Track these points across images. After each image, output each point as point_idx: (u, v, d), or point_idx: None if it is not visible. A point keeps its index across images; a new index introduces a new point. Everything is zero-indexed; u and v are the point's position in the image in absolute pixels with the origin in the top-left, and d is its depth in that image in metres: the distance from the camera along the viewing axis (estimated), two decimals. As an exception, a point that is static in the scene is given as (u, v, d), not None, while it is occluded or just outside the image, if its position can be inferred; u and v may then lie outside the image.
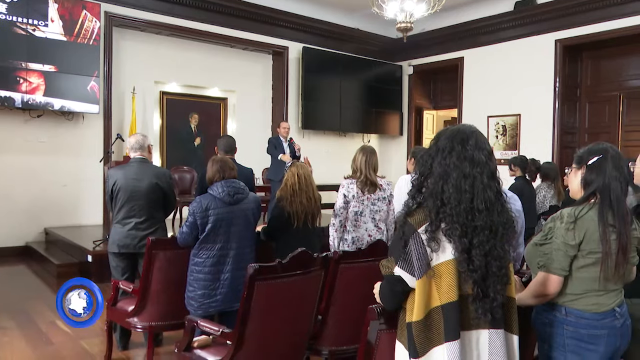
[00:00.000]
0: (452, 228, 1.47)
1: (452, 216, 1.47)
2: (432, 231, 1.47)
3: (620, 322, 1.89)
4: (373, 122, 10.19)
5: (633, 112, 7.69)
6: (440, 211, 1.48)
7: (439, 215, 1.48)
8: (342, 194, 3.55)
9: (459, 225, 1.47)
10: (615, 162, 1.85)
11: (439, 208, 1.48)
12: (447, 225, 1.47)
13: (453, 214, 1.47)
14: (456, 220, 1.47)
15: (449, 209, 1.48)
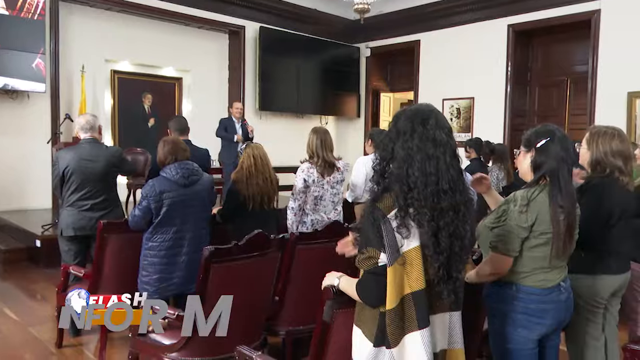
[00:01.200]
0: (421, 213, 1.44)
1: (420, 200, 1.44)
2: (402, 217, 1.44)
3: (565, 296, 1.99)
4: (330, 103, 10.19)
5: (579, 96, 8.00)
6: (407, 197, 1.44)
7: (407, 201, 1.44)
8: (303, 179, 3.54)
9: (427, 209, 1.44)
10: (562, 143, 1.92)
11: (406, 193, 1.45)
12: (416, 210, 1.44)
13: (421, 198, 1.44)
14: (424, 204, 1.44)
15: (416, 193, 1.44)
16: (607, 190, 2.31)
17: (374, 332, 1.51)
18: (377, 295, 1.47)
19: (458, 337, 1.58)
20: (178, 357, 2.44)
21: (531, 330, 1.94)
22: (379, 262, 1.47)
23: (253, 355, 2.00)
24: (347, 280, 1.63)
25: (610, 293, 2.36)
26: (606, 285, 2.32)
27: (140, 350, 2.64)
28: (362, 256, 1.50)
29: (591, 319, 2.34)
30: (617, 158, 2.32)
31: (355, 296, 1.56)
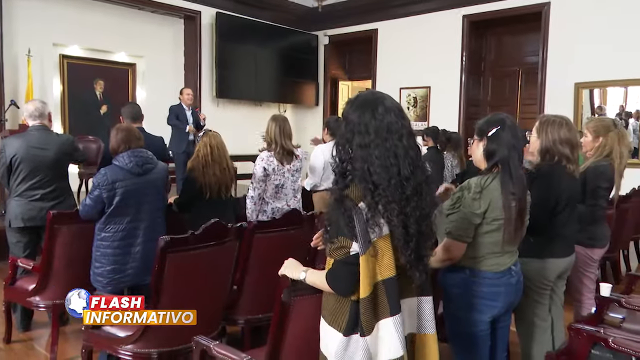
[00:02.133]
0: (389, 209, 1.44)
1: (387, 197, 1.44)
2: (372, 215, 1.43)
3: (515, 279, 2.07)
4: (289, 91, 10.13)
5: (530, 86, 8.26)
6: (374, 194, 1.44)
7: (375, 198, 1.44)
8: (262, 167, 3.52)
9: (395, 203, 1.44)
10: (512, 132, 1.98)
11: (372, 192, 1.44)
12: (384, 207, 1.44)
13: (387, 194, 1.44)
14: (392, 199, 1.44)
15: (381, 189, 1.44)
16: (555, 178, 2.40)
17: (343, 322, 1.50)
18: (349, 284, 1.47)
19: (429, 322, 1.60)
20: (134, 349, 2.40)
21: (484, 312, 2.01)
22: (350, 252, 1.46)
23: (211, 345, 1.99)
24: (313, 273, 1.62)
25: (557, 275, 2.47)
26: (553, 268, 2.43)
27: (94, 343, 2.58)
28: (333, 246, 1.49)
29: (539, 300, 2.44)
30: (565, 146, 2.42)
31: (325, 287, 1.55)
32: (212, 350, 1.97)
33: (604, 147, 2.95)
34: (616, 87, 7.28)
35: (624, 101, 7.29)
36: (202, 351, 2.03)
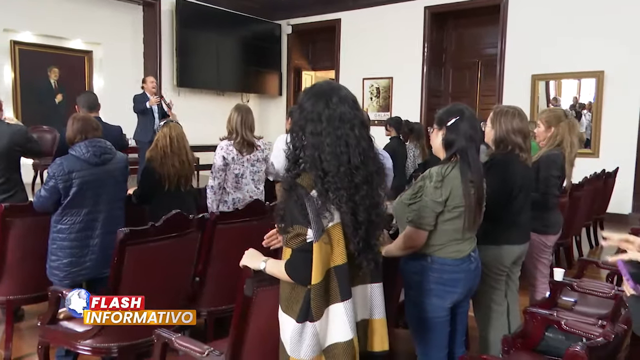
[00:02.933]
0: (338, 195, 1.47)
1: (335, 183, 1.46)
2: (323, 202, 1.46)
3: (474, 265, 2.12)
4: (252, 81, 10.04)
5: (489, 78, 8.46)
6: (324, 181, 1.47)
7: (324, 185, 1.47)
8: (222, 156, 3.48)
9: (344, 190, 1.47)
10: (470, 122, 2.03)
11: (322, 179, 1.47)
12: (334, 193, 1.47)
13: (336, 180, 1.46)
14: (340, 185, 1.47)
15: (330, 176, 1.47)
16: (509, 166, 2.48)
17: (297, 309, 1.52)
18: (308, 272, 1.47)
19: (379, 307, 1.64)
20: (93, 343, 2.34)
21: (444, 299, 2.06)
22: (307, 239, 1.48)
23: (172, 337, 1.96)
24: (273, 263, 1.63)
25: (512, 261, 2.55)
26: (509, 254, 2.51)
27: (51, 339, 2.51)
28: (289, 235, 1.50)
29: (495, 286, 2.52)
30: (518, 136, 2.49)
31: (284, 277, 1.56)
32: (174, 342, 1.95)
33: (556, 136, 3.05)
34: (570, 79, 7.54)
35: (577, 93, 7.55)
36: (163, 344, 2.01)
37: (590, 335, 1.90)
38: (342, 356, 1.50)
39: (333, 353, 1.51)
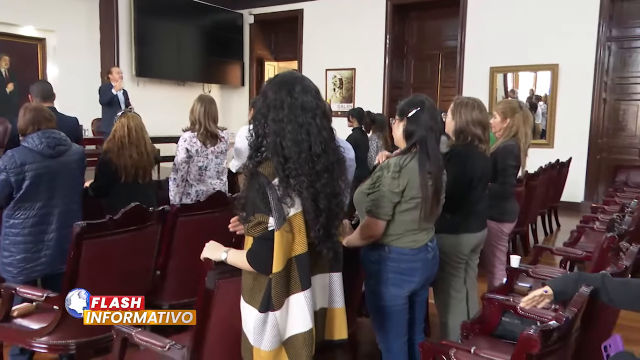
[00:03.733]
0: (299, 182, 1.48)
1: (296, 169, 1.48)
2: (285, 188, 1.47)
3: (432, 255, 2.17)
4: (214, 71, 9.88)
5: (449, 69, 8.60)
6: (285, 167, 1.48)
7: (285, 172, 1.48)
8: (185, 148, 3.42)
9: (305, 176, 1.49)
10: (431, 113, 2.05)
11: (283, 165, 1.48)
12: (295, 180, 1.48)
13: (297, 167, 1.48)
14: (301, 172, 1.48)
15: (291, 163, 1.48)
16: (469, 157, 2.53)
17: (259, 299, 1.53)
18: (269, 260, 1.48)
19: (339, 296, 1.67)
20: (49, 341, 2.28)
21: (402, 287, 2.09)
22: (268, 227, 1.48)
23: (132, 332, 1.93)
24: (235, 253, 1.63)
25: (471, 249, 2.62)
26: (467, 242, 2.57)
27: (5, 338, 2.43)
28: (250, 223, 1.50)
29: (454, 273, 2.58)
30: (477, 127, 2.55)
31: (246, 267, 1.56)
32: (134, 337, 1.92)
33: (511, 127, 3.14)
34: (527, 72, 7.75)
35: (534, 85, 7.78)
36: (123, 339, 1.97)
37: (544, 319, 1.98)
38: (302, 348, 1.52)
39: (293, 345, 1.52)
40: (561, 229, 6.17)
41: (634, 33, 7.23)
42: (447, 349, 1.85)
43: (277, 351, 1.53)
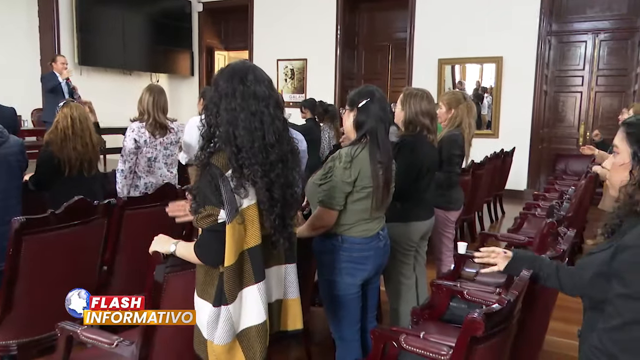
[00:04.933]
0: (253, 171, 1.46)
1: (249, 158, 1.46)
2: (238, 178, 1.45)
3: (383, 243, 2.21)
4: (162, 60, 9.61)
5: (399, 61, 8.73)
6: (238, 157, 1.46)
7: (239, 162, 1.46)
8: (133, 139, 3.32)
9: (258, 165, 1.47)
10: (381, 104, 2.08)
11: (236, 155, 1.46)
12: (248, 169, 1.46)
13: (250, 156, 1.46)
14: (254, 161, 1.47)
15: (245, 152, 1.46)
16: (418, 147, 2.59)
17: (212, 293, 1.51)
18: (218, 253, 1.46)
19: (294, 287, 1.67)
20: (-13, 341, 2.18)
21: (355, 276, 2.12)
22: (218, 219, 1.46)
23: (77, 329, 1.87)
24: (184, 245, 1.60)
25: (420, 237, 2.68)
26: (417, 230, 2.63)
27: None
28: (200, 215, 1.48)
29: (404, 261, 2.64)
30: (426, 117, 2.61)
31: (194, 259, 1.54)
32: (80, 335, 1.86)
33: (455, 118, 3.23)
34: (473, 64, 7.97)
35: (480, 77, 8.01)
36: (68, 337, 1.91)
37: (488, 302, 2.05)
38: (256, 340, 1.51)
39: (247, 337, 1.52)
40: (506, 216, 6.42)
41: (572, 28, 7.57)
42: (398, 335, 1.89)
43: (231, 345, 1.52)
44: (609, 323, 1.11)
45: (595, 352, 1.11)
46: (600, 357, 1.10)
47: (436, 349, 1.76)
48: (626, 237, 1.14)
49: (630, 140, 1.18)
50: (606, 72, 7.46)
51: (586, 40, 7.49)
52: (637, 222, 1.16)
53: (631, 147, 1.18)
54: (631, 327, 1.08)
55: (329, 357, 2.35)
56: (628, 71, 7.28)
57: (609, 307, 1.12)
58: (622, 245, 1.12)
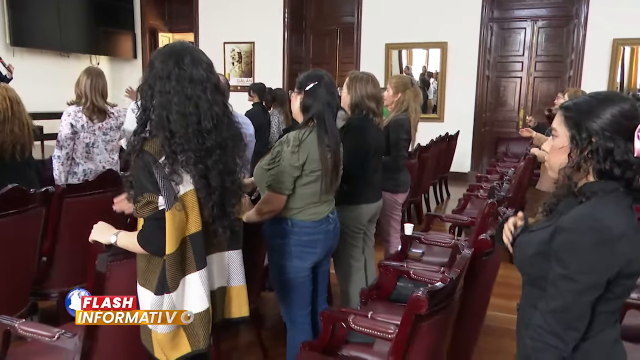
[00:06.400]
0: (187, 157, 1.42)
1: (182, 145, 1.42)
2: (171, 164, 1.41)
3: (333, 226, 2.23)
4: (102, 42, 9.20)
5: (347, 45, 8.75)
6: (172, 143, 1.41)
7: (172, 147, 1.41)
8: (69, 123, 3.17)
9: (192, 152, 1.43)
10: (328, 88, 2.08)
11: (169, 140, 1.41)
12: (182, 155, 1.42)
13: (183, 142, 1.42)
14: (188, 147, 1.42)
15: (178, 137, 1.42)
16: (365, 130, 2.62)
17: (154, 281, 1.48)
18: (162, 241, 1.42)
19: (238, 274, 1.64)
20: None
21: (305, 259, 2.14)
22: (159, 207, 1.43)
23: (15, 323, 1.79)
24: (125, 235, 1.55)
25: (368, 219, 2.73)
26: (366, 212, 2.68)
27: None
28: (139, 204, 1.44)
29: (353, 243, 2.68)
30: (372, 101, 2.63)
31: (137, 249, 1.50)
32: (18, 329, 1.78)
33: (402, 102, 3.29)
34: (420, 49, 8.11)
35: (426, 62, 8.17)
36: (5, 332, 1.82)
37: (433, 281, 2.12)
38: (199, 327, 1.50)
39: (190, 324, 1.50)
40: (451, 198, 6.62)
41: (512, 15, 7.82)
42: (346, 316, 1.92)
43: (175, 333, 1.50)
44: (552, 304, 1.16)
45: (540, 332, 1.16)
46: (545, 336, 1.15)
47: (383, 328, 1.81)
48: (564, 218, 1.18)
49: (569, 123, 1.21)
50: (544, 58, 7.78)
51: (525, 27, 7.77)
52: (574, 202, 1.21)
53: (569, 130, 1.21)
54: (571, 306, 1.14)
55: (281, 341, 2.37)
56: (563, 57, 7.61)
57: (551, 288, 1.17)
58: (560, 226, 1.17)
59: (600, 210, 1.15)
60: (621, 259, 1.12)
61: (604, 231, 1.12)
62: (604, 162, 1.16)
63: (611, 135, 1.16)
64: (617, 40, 7.05)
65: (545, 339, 1.16)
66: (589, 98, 1.23)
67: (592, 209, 1.16)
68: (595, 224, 1.13)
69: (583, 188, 1.21)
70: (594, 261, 1.12)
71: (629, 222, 1.16)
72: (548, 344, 1.15)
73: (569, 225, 1.15)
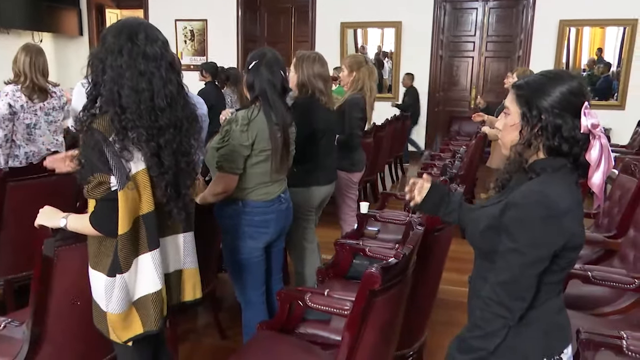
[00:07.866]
0: (138, 134, 1.38)
1: (134, 121, 1.37)
2: (121, 140, 1.36)
3: (285, 206, 2.23)
4: (45, 18, 8.70)
5: (302, 24, 8.65)
6: (122, 119, 1.37)
7: (122, 123, 1.37)
8: (7, 103, 3.02)
9: (143, 129, 1.39)
10: (270, 66, 2.04)
11: (120, 115, 1.37)
12: (133, 132, 1.38)
13: (135, 118, 1.37)
14: (140, 124, 1.38)
15: (129, 113, 1.37)
16: (310, 110, 2.59)
17: (107, 263, 1.45)
18: (115, 222, 1.39)
19: (191, 257, 1.63)
20: None
21: (257, 240, 2.13)
22: (111, 187, 1.39)
23: (-43, 314, 1.71)
24: (75, 218, 1.50)
25: (319, 202, 2.74)
26: (316, 195, 2.68)
27: None
28: (90, 185, 1.39)
29: (305, 225, 2.69)
30: (319, 80, 2.61)
31: (90, 231, 1.45)
32: (-40, 320, 1.71)
33: (357, 81, 3.28)
34: (374, 28, 8.12)
35: (381, 42, 8.19)
36: (-54, 323, 1.74)
37: (388, 257, 2.16)
38: (151, 307, 1.48)
39: (143, 305, 1.48)
40: (406, 176, 6.74)
41: (465, -5, 7.94)
42: (303, 294, 1.94)
43: (127, 313, 1.48)
44: (501, 276, 1.20)
45: (489, 303, 1.21)
46: (493, 306, 1.20)
47: (339, 305, 1.84)
48: (514, 193, 1.22)
49: (520, 101, 1.24)
50: (494, 39, 7.95)
51: (477, 7, 7.90)
52: (524, 178, 1.26)
53: (521, 108, 1.24)
54: (519, 278, 1.19)
55: (238, 322, 2.37)
56: (513, 37, 7.80)
57: (500, 261, 1.21)
58: (510, 202, 1.21)
59: (548, 186, 1.19)
60: (567, 233, 1.17)
61: (552, 207, 1.16)
62: (552, 139, 1.20)
63: (560, 112, 1.19)
64: (563, 22, 7.28)
65: (493, 309, 1.20)
66: (540, 76, 1.26)
67: (540, 185, 1.20)
68: (543, 199, 1.17)
69: (533, 165, 1.25)
70: (542, 235, 1.16)
71: (574, 198, 1.21)
72: (496, 314, 1.20)
73: (518, 201, 1.19)
